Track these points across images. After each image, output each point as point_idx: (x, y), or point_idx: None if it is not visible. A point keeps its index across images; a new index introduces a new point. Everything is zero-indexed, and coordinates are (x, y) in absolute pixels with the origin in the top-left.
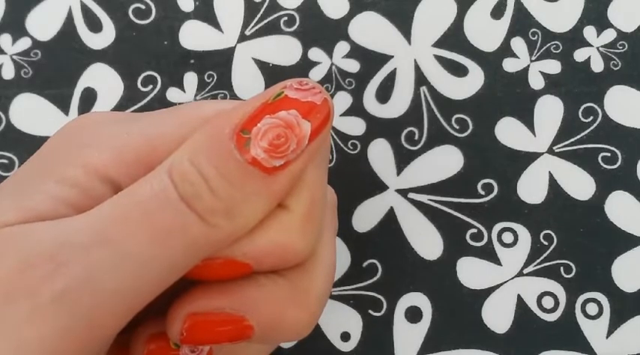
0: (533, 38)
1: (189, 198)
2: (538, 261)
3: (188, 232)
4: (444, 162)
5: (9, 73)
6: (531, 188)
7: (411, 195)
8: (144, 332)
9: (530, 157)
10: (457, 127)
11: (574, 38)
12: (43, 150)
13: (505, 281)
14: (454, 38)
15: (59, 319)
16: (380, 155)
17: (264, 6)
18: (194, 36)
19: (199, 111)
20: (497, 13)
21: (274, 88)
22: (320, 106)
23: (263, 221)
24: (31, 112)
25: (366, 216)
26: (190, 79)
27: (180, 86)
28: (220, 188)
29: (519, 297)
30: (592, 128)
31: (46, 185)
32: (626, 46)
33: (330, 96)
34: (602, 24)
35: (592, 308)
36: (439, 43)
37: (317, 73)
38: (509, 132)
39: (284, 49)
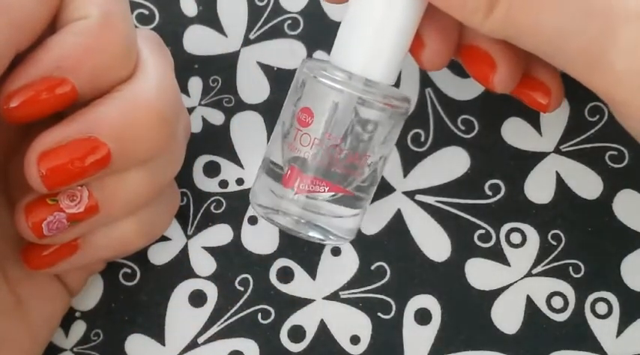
0: None
1: None
2: (547, 261)
3: None
4: (450, 163)
5: None
6: (539, 188)
7: (418, 197)
8: (21, 204)
9: (537, 157)
10: (463, 128)
11: None
12: None
13: (514, 282)
14: None
15: None
16: None
17: (268, 9)
18: (198, 41)
19: None
20: None
21: None
22: None
23: (66, 27)
24: None
25: (374, 219)
26: (195, 83)
27: (185, 91)
28: None
29: (528, 298)
30: (598, 127)
31: None
32: None
33: None
34: None
35: (601, 308)
36: None
37: None
38: (515, 132)
39: (288, 53)
